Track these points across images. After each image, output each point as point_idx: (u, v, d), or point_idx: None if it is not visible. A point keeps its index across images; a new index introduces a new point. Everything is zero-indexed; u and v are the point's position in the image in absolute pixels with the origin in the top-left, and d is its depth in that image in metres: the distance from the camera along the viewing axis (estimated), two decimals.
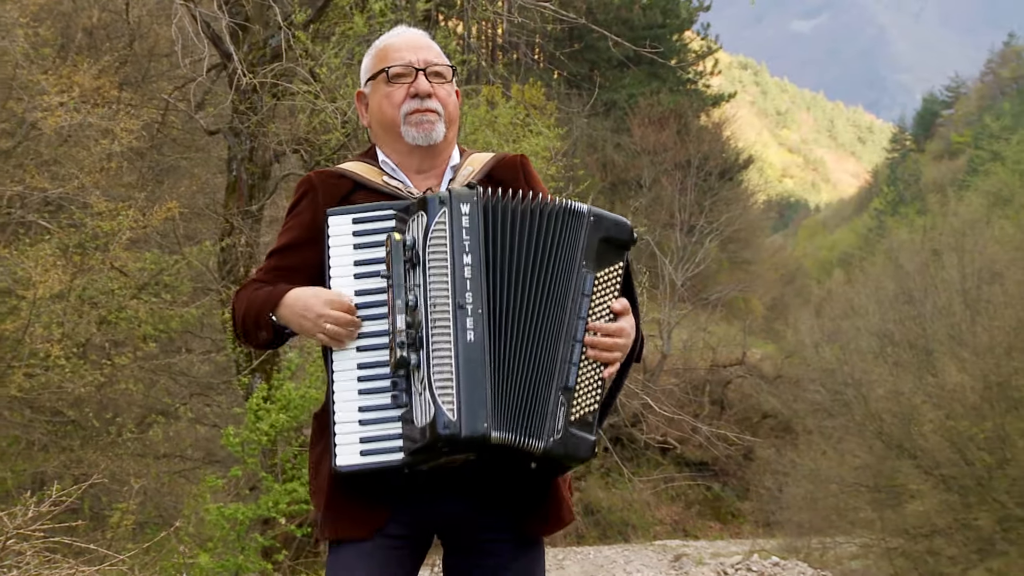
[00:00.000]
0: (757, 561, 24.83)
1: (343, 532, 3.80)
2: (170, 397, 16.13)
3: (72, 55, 15.62)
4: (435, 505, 3.82)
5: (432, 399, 3.51)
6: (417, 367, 3.57)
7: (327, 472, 3.80)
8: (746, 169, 53.87)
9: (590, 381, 3.78)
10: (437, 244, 3.63)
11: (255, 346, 4.07)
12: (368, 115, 4.17)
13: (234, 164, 15.89)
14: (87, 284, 13.39)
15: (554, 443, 3.66)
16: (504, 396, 3.60)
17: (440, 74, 4.09)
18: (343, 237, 3.77)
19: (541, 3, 17.75)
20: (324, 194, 3.98)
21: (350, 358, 3.71)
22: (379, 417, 3.64)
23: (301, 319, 3.76)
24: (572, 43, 41.51)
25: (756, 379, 38.54)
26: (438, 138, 4.03)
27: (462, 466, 3.70)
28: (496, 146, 16.06)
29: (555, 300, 3.74)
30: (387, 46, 4.13)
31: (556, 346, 3.72)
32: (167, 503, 15.43)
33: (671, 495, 35.70)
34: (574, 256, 3.78)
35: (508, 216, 3.73)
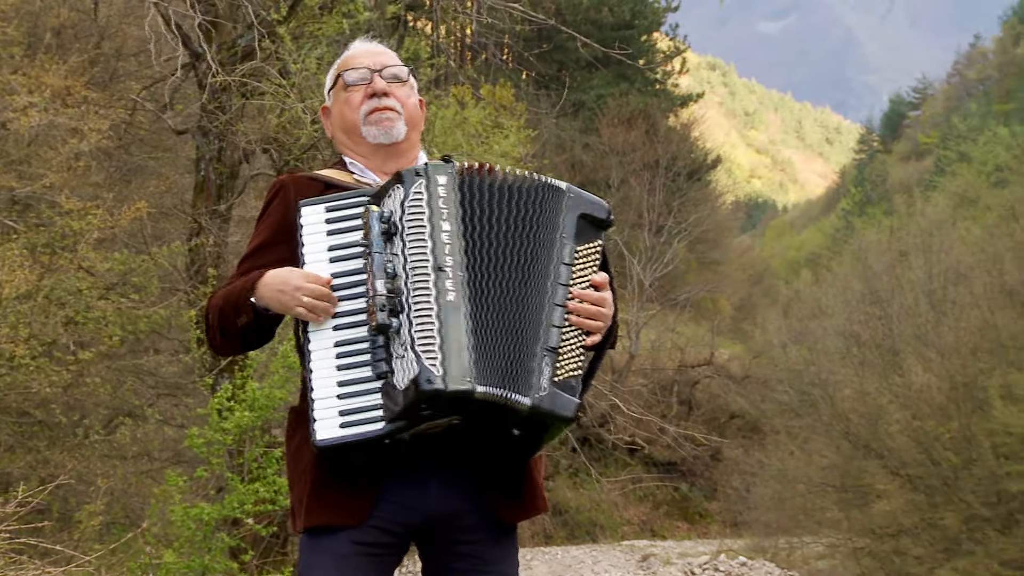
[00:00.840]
0: (724, 561, 24.91)
1: (327, 519, 3.79)
2: (137, 398, 16.07)
3: (40, 55, 15.56)
4: (418, 497, 3.82)
5: (415, 357, 3.52)
6: (398, 331, 3.59)
7: (308, 460, 3.80)
8: (714, 170, 54.02)
9: (573, 346, 3.81)
10: (415, 212, 3.67)
11: (231, 342, 4.04)
12: (330, 125, 4.26)
13: (202, 164, 15.84)
14: (55, 284, 13.34)
15: (540, 399, 3.68)
16: (487, 353, 3.63)
17: (397, 76, 4.17)
18: (316, 226, 3.80)
19: (510, 4, 17.76)
20: (296, 192, 4.00)
21: (327, 337, 3.71)
22: (359, 390, 3.64)
23: (279, 294, 3.75)
24: (541, 44, 41.50)
25: (724, 379, 38.62)
26: (399, 135, 4.10)
27: (444, 439, 3.72)
28: (466, 147, 16.08)
29: (537, 267, 3.79)
30: (346, 57, 4.24)
31: (540, 309, 3.76)
32: (134, 504, 15.38)
33: (639, 495, 35.76)
34: (555, 227, 3.84)
35: (484, 187, 3.78)
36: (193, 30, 14.99)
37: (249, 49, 14.89)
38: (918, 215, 31.60)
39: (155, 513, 11.83)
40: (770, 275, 58.10)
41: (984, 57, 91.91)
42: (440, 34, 36.91)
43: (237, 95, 15.08)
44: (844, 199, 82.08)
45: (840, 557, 23.42)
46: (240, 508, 11.25)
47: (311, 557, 3.82)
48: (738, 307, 50.75)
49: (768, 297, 50.10)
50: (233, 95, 15.04)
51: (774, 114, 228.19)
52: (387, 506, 3.80)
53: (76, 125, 14.12)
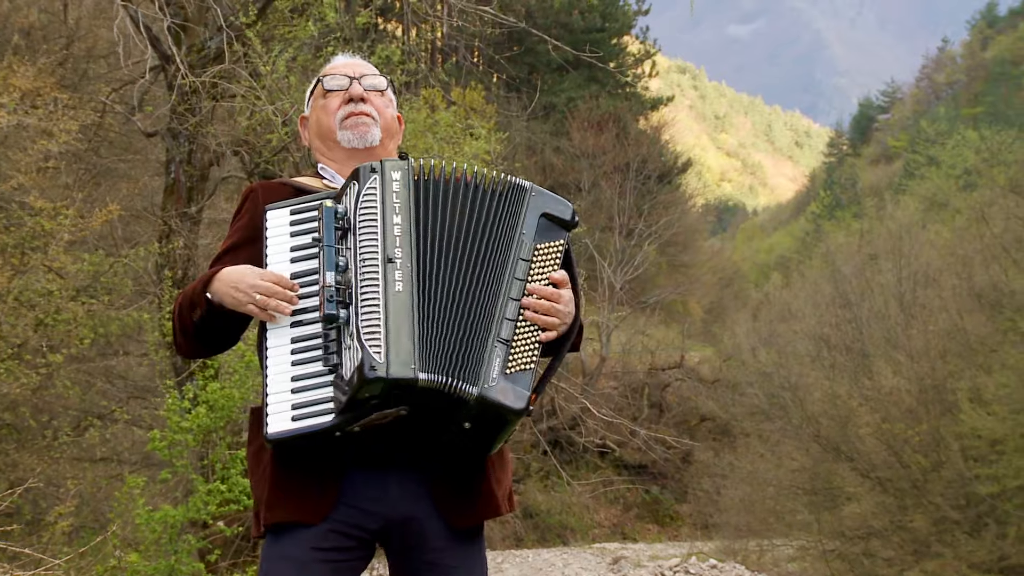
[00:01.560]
0: (695, 563, 24.89)
1: (287, 516, 3.79)
2: (107, 400, 16.03)
3: (8, 55, 15.51)
4: (377, 500, 3.82)
5: (360, 346, 3.54)
6: (347, 323, 3.62)
7: (268, 460, 3.82)
8: (684, 173, 54.05)
9: (527, 341, 3.81)
10: (367, 207, 3.70)
11: (191, 339, 4.01)
12: (307, 133, 4.30)
13: (172, 166, 15.81)
14: (24, 286, 13.30)
15: (488, 389, 3.69)
16: (434, 343, 3.65)
17: (376, 87, 4.23)
18: (281, 228, 3.84)
19: (480, 7, 17.77)
20: (265, 197, 4.02)
21: (284, 334, 3.73)
22: (311, 384, 3.66)
23: (232, 290, 3.77)
24: (512, 47, 41.57)
25: (694, 382, 38.67)
26: (374, 140, 4.15)
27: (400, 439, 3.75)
28: (437, 150, 16.07)
29: (492, 261, 3.82)
30: (326, 69, 4.30)
31: (493, 302, 3.78)
32: (103, 507, 15.33)
33: (610, 498, 35.77)
34: (515, 224, 3.88)
35: (440, 184, 3.81)
36: (162, 32, 14.95)
37: (219, 52, 14.88)
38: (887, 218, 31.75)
39: (119, 516, 11.79)
40: (740, 278, 58.19)
41: (952, 61, 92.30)
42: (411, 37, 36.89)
43: (207, 97, 15.06)
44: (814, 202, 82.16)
45: (810, 559, 23.46)
46: (204, 509, 11.23)
47: (271, 565, 3.82)
48: (708, 310, 50.84)
49: (738, 300, 50.20)
50: (203, 97, 15.01)
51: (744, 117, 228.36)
52: (345, 508, 3.81)
53: (45, 126, 14.07)
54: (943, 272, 24.91)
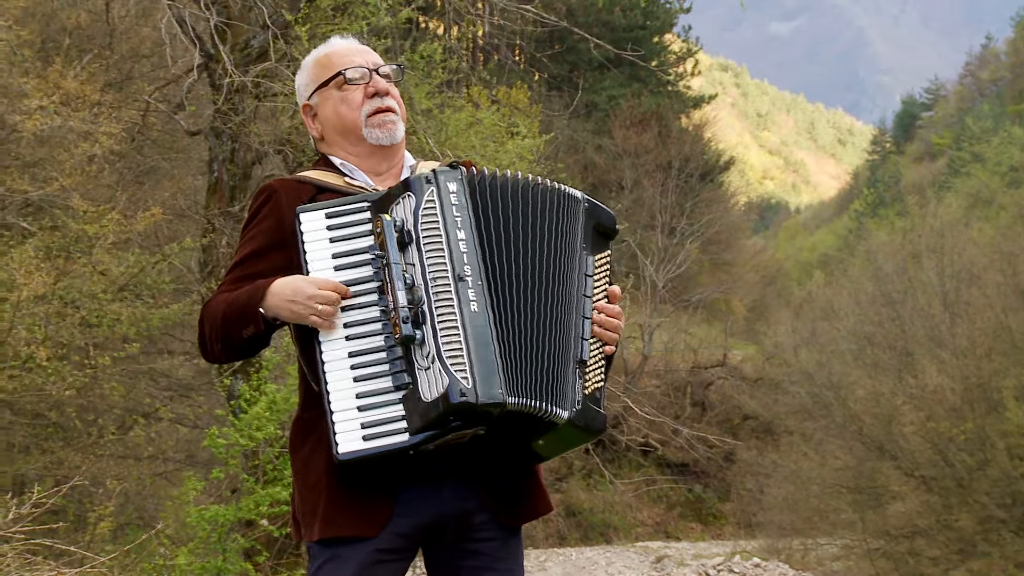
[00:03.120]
0: (739, 562, 24.84)
1: (346, 530, 3.74)
2: (151, 399, 16.09)
3: (52, 56, 15.58)
4: (433, 500, 3.79)
5: (443, 369, 3.49)
6: (422, 342, 3.55)
7: (322, 469, 3.76)
8: (727, 171, 53.96)
9: (597, 358, 3.83)
10: (429, 221, 3.61)
11: (231, 352, 3.96)
12: (318, 125, 4.14)
13: (215, 165, 15.84)
14: (69, 287, 13.35)
15: (576, 413, 3.69)
16: (516, 364, 3.61)
17: (389, 76, 4.13)
18: (317, 233, 3.72)
19: (522, 5, 17.75)
20: (287, 197, 3.93)
21: (340, 347, 3.65)
22: (378, 402, 3.60)
23: (291, 304, 3.67)
24: (553, 45, 41.50)
25: (737, 381, 38.59)
26: (399, 137, 4.08)
27: (462, 451, 3.71)
28: (480, 149, 16.06)
29: (561, 277, 3.78)
30: (329, 54, 4.15)
31: (568, 321, 3.77)
32: (148, 505, 15.40)
33: (653, 497, 35.73)
34: (575, 237, 3.85)
35: (496, 192, 3.75)
36: (207, 31, 14.99)
37: (263, 50, 14.90)
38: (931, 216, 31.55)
39: (170, 515, 11.84)
40: (783, 276, 57.94)
41: (996, 58, 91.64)
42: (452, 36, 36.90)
43: (251, 96, 15.09)
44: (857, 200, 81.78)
45: (855, 558, 23.40)
46: (256, 510, 11.26)
47: (326, 567, 3.79)
48: (751, 308, 50.66)
49: (781, 298, 49.99)
50: (246, 96, 15.04)
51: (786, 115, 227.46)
52: (402, 510, 3.77)
53: (88, 129, 14.12)
54: (987, 270, 24.79)
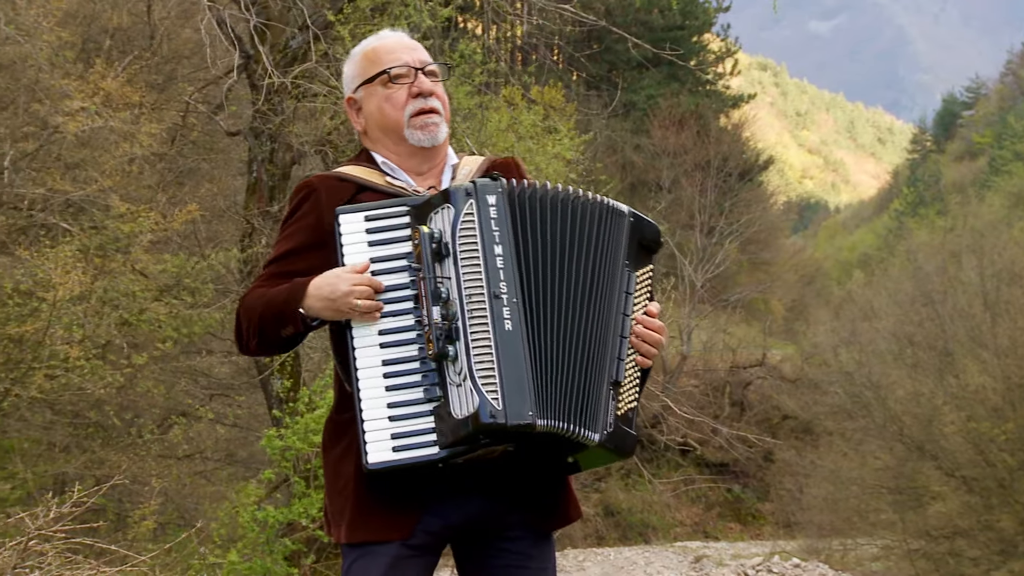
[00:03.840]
0: (778, 563, 24.81)
1: (371, 536, 3.76)
2: (190, 398, 16.15)
3: (94, 57, 15.65)
4: (462, 507, 3.79)
5: (474, 388, 3.48)
6: (455, 358, 3.54)
7: (351, 474, 3.77)
8: (766, 170, 53.82)
9: (632, 378, 3.81)
10: (467, 235, 3.59)
11: (268, 349, 3.98)
12: (362, 119, 4.12)
13: (254, 165, 15.88)
14: (108, 286, 13.40)
15: (608, 436, 3.68)
16: (548, 385, 3.59)
17: (435, 73, 4.09)
18: (356, 235, 3.72)
19: (560, 5, 17.74)
20: (327, 196, 3.92)
21: (374, 355, 3.65)
22: (410, 412, 3.60)
23: (329, 302, 3.67)
24: (591, 45, 41.46)
25: (776, 380, 38.49)
26: (442, 139, 4.04)
27: (493, 463, 3.70)
28: (518, 149, 16.06)
29: (599, 295, 3.76)
30: (376, 48, 4.11)
31: (605, 341, 3.74)
32: (188, 504, 15.46)
33: (691, 496, 35.68)
34: (618, 253, 3.82)
35: (536, 208, 3.71)
36: (246, 32, 15.03)
37: (302, 51, 14.94)
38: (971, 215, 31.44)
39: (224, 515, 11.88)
40: (822, 276, 57.76)
41: None
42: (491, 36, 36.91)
43: (290, 97, 15.12)
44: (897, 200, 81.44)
45: (895, 559, 23.32)
46: (306, 513, 11.29)
47: (358, 563, 3.81)
48: (790, 308, 50.51)
49: (820, 298, 49.82)
50: (286, 97, 15.08)
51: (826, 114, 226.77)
52: (429, 519, 3.78)
53: (129, 129, 14.19)
54: None
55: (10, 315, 12.07)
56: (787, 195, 79.41)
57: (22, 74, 13.81)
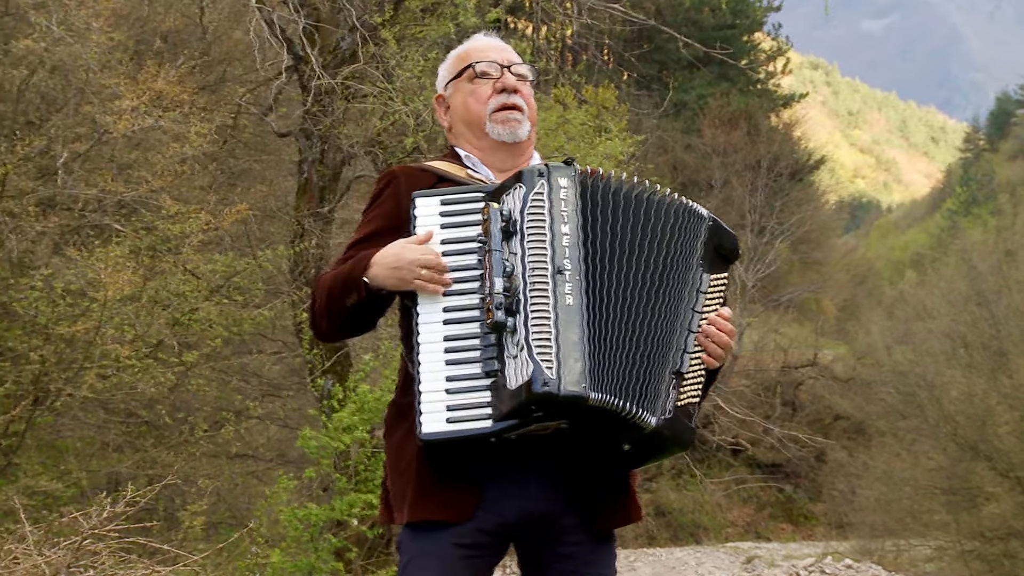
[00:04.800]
0: (830, 563, 24.72)
1: (432, 514, 3.76)
2: (241, 397, 16.20)
3: (146, 59, 15.72)
4: (520, 496, 3.78)
5: (530, 358, 3.48)
6: (513, 330, 3.54)
7: (412, 455, 3.78)
8: (817, 170, 53.60)
9: (695, 374, 3.80)
10: (535, 213, 3.61)
11: (337, 325, 3.97)
12: (449, 116, 4.17)
13: (305, 166, 15.94)
14: (159, 286, 13.47)
15: (665, 421, 3.67)
16: (606, 362, 3.59)
17: (522, 75, 4.12)
18: (430, 218, 3.75)
19: (610, 5, 17.72)
20: (407, 183, 3.95)
21: (437, 331, 3.66)
22: (467, 386, 3.60)
23: (394, 271, 3.69)
24: (641, 44, 41.43)
25: (828, 380, 38.39)
26: (523, 136, 4.05)
27: (549, 445, 3.69)
28: (569, 149, 16.04)
29: (670, 287, 3.78)
30: (469, 48, 4.17)
31: (672, 330, 3.76)
32: (239, 503, 15.51)
33: (743, 497, 35.60)
34: (693, 252, 3.83)
35: (609, 195, 3.73)
36: (296, 33, 15.09)
37: (352, 52, 14.98)
38: None
39: (263, 513, 11.92)
40: (874, 276, 57.55)
41: None
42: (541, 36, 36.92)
43: (340, 98, 15.16)
44: (950, 199, 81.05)
45: (948, 560, 23.20)
46: (348, 511, 11.32)
47: (414, 561, 3.81)
48: (842, 308, 50.34)
49: (872, 298, 49.66)
50: (336, 98, 15.12)
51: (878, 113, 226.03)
52: (487, 507, 3.77)
53: (180, 130, 14.25)
54: None
55: (62, 315, 12.14)
56: (839, 194, 79.05)
57: (73, 76, 13.89)
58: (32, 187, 13.11)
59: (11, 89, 13.89)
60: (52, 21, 13.14)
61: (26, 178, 13.00)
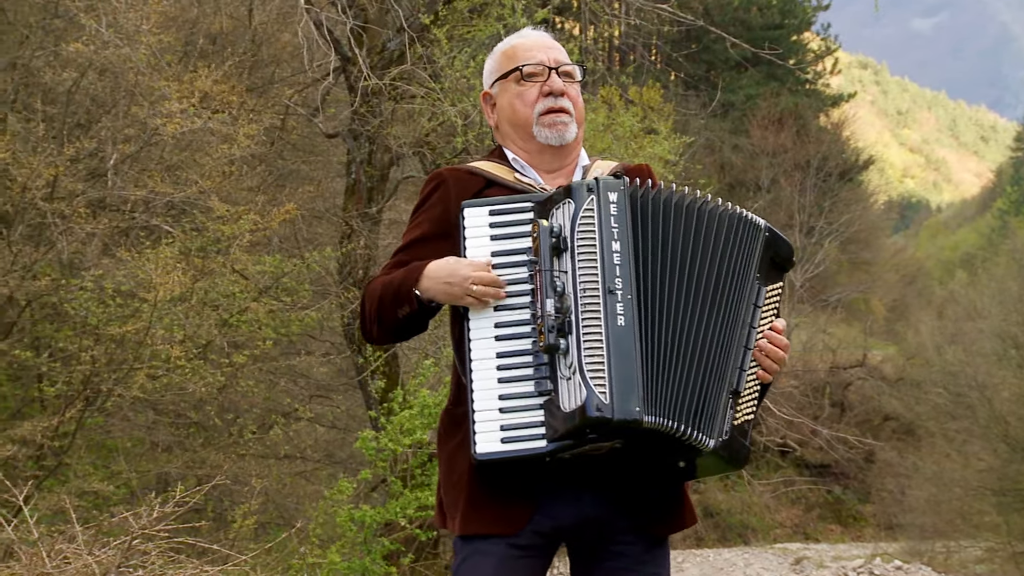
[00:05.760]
0: (879, 565, 24.59)
1: (483, 529, 3.77)
2: (290, 399, 16.25)
3: (195, 61, 15.79)
4: (573, 507, 3.79)
5: (583, 382, 3.47)
6: (565, 352, 3.53)
7: (464, 467, 3.79)
8: (866, 169, 53.38)
9: (751, 390, 3.80)
10: (585, 230, 3.58)
11: (388, 332, 4.00)
12: (495, 114, 4.15)
13: (353, 167, 15.98)
14: (208, 287, 13.52)
15: (723, 443, 3.67)
16: (661, 384, 3.58)
17: (570, 74, 4.08)
18: (479, 229, 3.74)
19: (658, 5, 17.69)
20: (456, 188, 3.95)
21: (489, 347, 3.66)
22: (520, 405, 3.59)
23: (447, 286, 3.70)
24: (689, 44, 41.38)
25: (877, 381, 38.22)
26: (570, 138, 4.02)
27: (603, 461, 3.68)
28: (616, 150, 16.02)
29: (726, 303, 3.75)
30: (516, 46, 4.13)
31: (728, 348, 3.74)
32: (288, 504, 15.55)
33: (791, 498, 35.50)
34: (749, 265, 3.81)
35: (660, 208, 3.70)
36: (344, 35, 15.12)
37: (399, 52, 15.00)
38: None
39: (320, 514, 11.95)
40: (924, 276, 57.26)
41: None
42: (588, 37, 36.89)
43: (388, 99, 15.19)
44: (1000, 198, 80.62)
45: (999, 561, 23.07)
46: (402, 513, 11.34)
47: (468, 562, 3.82)
48: (891, 308, 50.13)
49: (922, 298, 49.42)
50: (384, 99, 15.15)
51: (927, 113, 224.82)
52: (540, 516, 3.78)
53: (229, 131, 14.30)
54: None
55: (112, 316, 12.20)
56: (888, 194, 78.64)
57: (122, 78, 13.96)
58: (82, 189, 13.17)
59: (61, 91, 13.97)
60: (102, 24, 13.21)
61: (76, 180, 13.06)
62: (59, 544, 7.59)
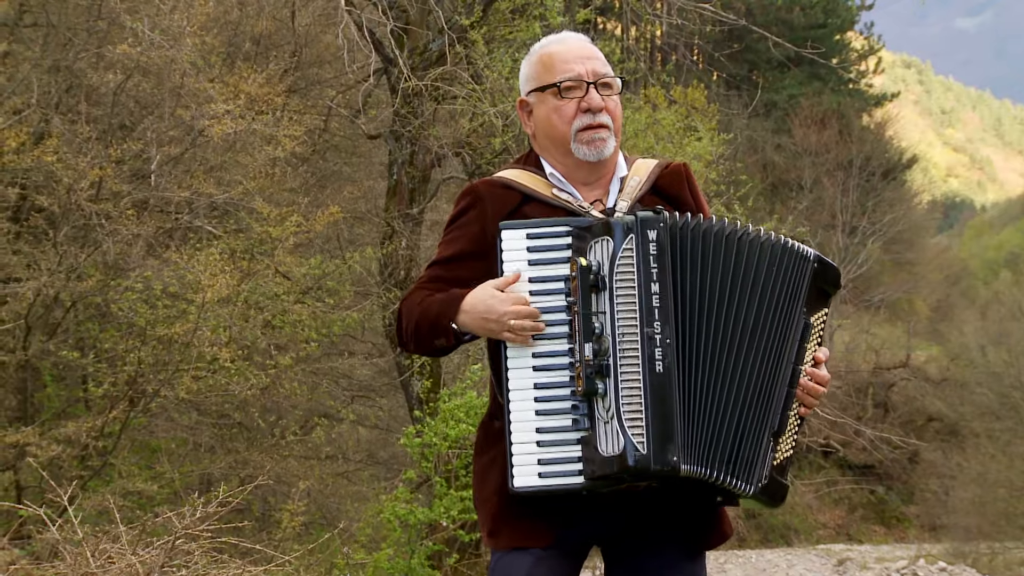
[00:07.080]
0: (923, 566, 24.49)
1: (515, 543, 3.78)
2: (332, 400, 16.29)
3: (239, 63, 15.84)
4: (605, 524, 3.80)
5: (621, 429, 3.47)
6: (604, 395, 3.52)
7: (494, 486, 3.81)
8: (910, 169, 53.15)
9: (792, 426, 3.76)
10: (624, 271, 3.55)
11: (424, 353, 4.01)
12: (532, 124, 4.06)
13: (395, 168, 16.02)
14: (253, 288, 13.57)
15: (762, 488, 3.66)
16: (699, 431, 3.56)
17: (608, 85, 3.99)
18: (516, 252, 3.70)
19: (701, 4, 17.67)
20: (492, 206, 3.90)
21: (527, 377, 3.63)
22: (558, 439, 3.58)
23: (484, 322, 3.68)
24: (732, 44, 41.29)
25: (920, 381, 38.05)
26: (608, 154, 3.94)
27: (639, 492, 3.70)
28: (659, 150, 16.01)
29: (770, 341, 3.70)
30: (552, 54, 4.02)
31: (770, 390, 3.69)
32: (330, 504, 15.60)
33: (834, 499, 35.38)
34: (796, 299, 3.73)
35: (699, 244, 3.64)
36: (385, 36, 15.16)
37: (440, 54, 15.04)
38: None
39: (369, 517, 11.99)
40: (968, 276, 56.97)
41: None
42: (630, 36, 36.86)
43: (429, 100, 15.22)
44: None
45: None
46: (447, 513, 11.35)
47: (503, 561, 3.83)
48: (935, 308, 49.86)
49: (966, 298, 49.20)
50: (425, 100, 15.18)
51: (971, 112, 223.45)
52: (572, 529, 3.80)
53: (272, 132, 14.35)
54: None
55: (159, 317, 12.26)
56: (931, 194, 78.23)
57: (167, 79, 14.01)
58: (127, 190, 13.23)
59: (104, 93, 14.04)
60: (146, 25, 13.27)
61: (120, 181, 13.12)
62: (103, 544, 7.63)
